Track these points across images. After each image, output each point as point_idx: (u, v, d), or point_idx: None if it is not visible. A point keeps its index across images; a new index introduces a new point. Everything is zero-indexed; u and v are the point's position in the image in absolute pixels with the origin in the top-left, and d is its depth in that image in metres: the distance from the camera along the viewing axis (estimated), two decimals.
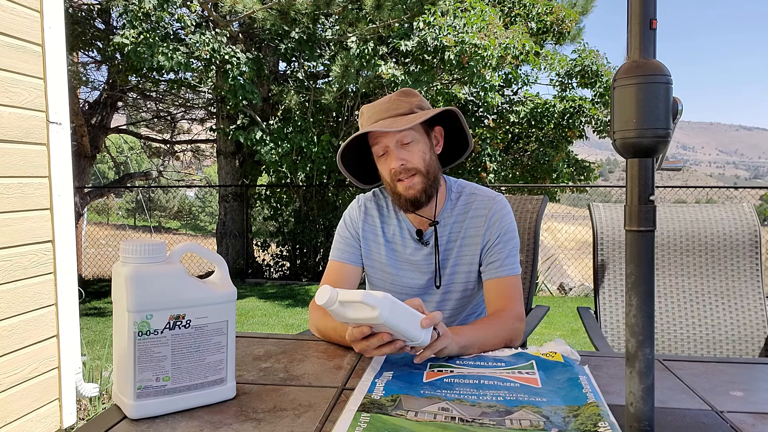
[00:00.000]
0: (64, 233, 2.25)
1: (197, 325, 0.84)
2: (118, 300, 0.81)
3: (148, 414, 0.81)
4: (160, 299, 0.81)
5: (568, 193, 9.86)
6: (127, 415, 0.81)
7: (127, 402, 0.81)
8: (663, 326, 1.89)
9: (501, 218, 1.36)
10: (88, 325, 5.34)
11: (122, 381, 0.82)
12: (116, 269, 0.82)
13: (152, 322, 0.80)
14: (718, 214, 1.96)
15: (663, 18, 0.84)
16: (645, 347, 0.66)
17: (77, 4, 7.84)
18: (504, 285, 1.31)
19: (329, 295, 0.91)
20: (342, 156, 1.39)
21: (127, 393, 0.81)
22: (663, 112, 0.64)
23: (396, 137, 1.30)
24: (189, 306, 0.83)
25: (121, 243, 0.82)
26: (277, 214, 9.36)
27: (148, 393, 0.81)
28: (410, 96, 1.34)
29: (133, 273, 0.79)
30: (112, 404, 0.87)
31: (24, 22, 2.08)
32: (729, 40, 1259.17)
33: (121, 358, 0.81)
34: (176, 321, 0.82)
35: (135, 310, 0.79)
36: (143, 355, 0.80)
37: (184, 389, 0.84)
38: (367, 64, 7.11)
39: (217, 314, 0.86)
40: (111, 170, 23.30)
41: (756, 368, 1.09)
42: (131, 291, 0.79)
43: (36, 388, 2.13)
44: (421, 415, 0.78)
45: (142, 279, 0.79)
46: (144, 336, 0.80)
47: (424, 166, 1.31)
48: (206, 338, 0.85)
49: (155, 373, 0.81)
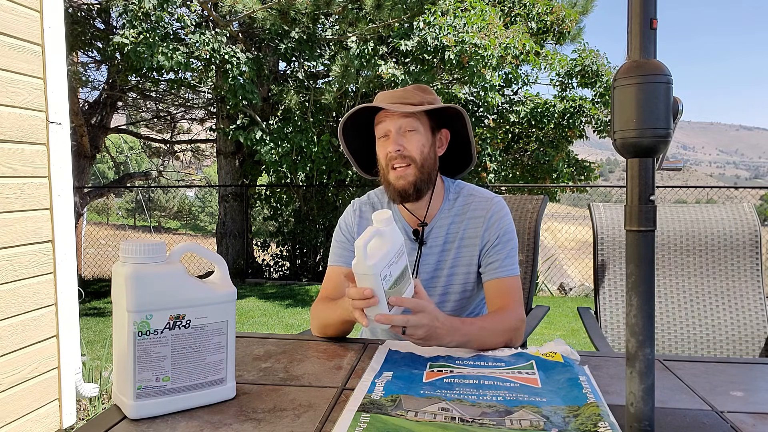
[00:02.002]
0: (63, 233, 2.25)
1: (197, 325, 0.84)
2: (117, 300, 0.81)
3: (148, 414, 0.81)
4: (160, 299, 0.80)
5: (568, 193, 9.85)
6: (127, 416, 0.81)
7: (127, 402, 0.81)
8: (663, 326, 1.89)
9: (499, 219, 1.36)
10: (88, 325, 5.33)
11: (122, 381, 0.81)
12: (116, 269, 0.82)
13: (152, 322, 0.80)
14: (718, 214, 1.96)
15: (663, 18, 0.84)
16: (645, 347, 0.66)
17: (77, 4, 7.84)
18: (504, 285, 1.31)
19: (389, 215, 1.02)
20: (344, 134, 1.40)
21: (127, 393, 0.80)
22: (663, 111, 0.64)
23: (399, 123, 1.30)
24: (189, 306, 0.83)
25: (120, 243, 0.82)
26: (277, 214, 9.36)
27: (148, 393, 0.81)
28: (425, 92, 1.36)
29: (133, 273, 0.79)
30: (112, 404, 0.87)
31: (24, 21, 2.08)
32: (729, 40, 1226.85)
33: (121, 358, 0.81)
34: (176, 321, 0.82)
35: (135, 310, 0.79)
36: (143, 355, 0.80)
37: (184, 389, 0.83)
38: (367, 63, 7.11)
39: (217, 314, 0.86)
40: (111, 170, 23.32)
41: (756, 368, 1.09)
42: (131, 291, 0.79)
43: (36, 388, 2.13)
44: (421, 415, 0.78)
45: (142, 279, 0.79)
46: (144, 336, 0.80)
47: (420, 158, 1.31)
48: (206, 338, 0.85)
49: (155, 373, 0.81)
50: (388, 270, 0.98)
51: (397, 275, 1.01)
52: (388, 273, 0.97)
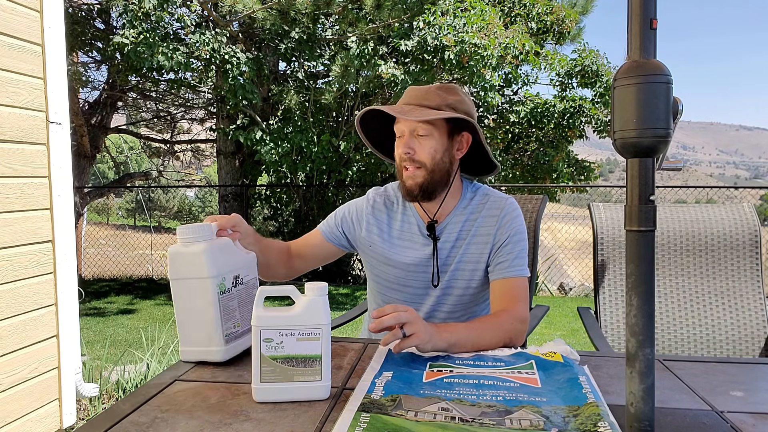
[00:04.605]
0: (64, 233, 2.25)
1: (245, 282, 1.10)
2: (190, 273, 1.01)
3: (235, 353, 1.05)
4: (227, 265, 1.05)
5: (568, 193, 9.85)
6: (219, 360, 1.02)
7: (217, 349, 1.02)
8: (663, 326, 1.89)
9: (512, 219, 1.36)
10: (88, 325, 5.34)
11: (206, 337, 1.03)
12: (179, 249, 1.01)
13: (225, 283, 1.04)
14: (718, 214, 1.96)
15: (663, 18, 0.84)
16: (645, 347, 0.66)
17: (77, 4, 7.83)
18: (509, 285, 1.31)
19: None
20: (364, 122, 1.41)
21: (216, 342, 1.02)
22: (663, 111, 0.64)
23: (413, 125, 1.30)
24: (241, 267, 1.09)
25: (178, 228, 1.02)
26: (277, 214, 9.35)
27: (230, 338, 1.04)
28: (449, 93, 1.32)
29: (208, 248, 1.01)
30: (112, 404, 0.87)
31: (24, 21, 2.08)
32: (729, 40, 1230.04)
33: (202, 318, 1.02)
34: (236, 280, 1.07)
35: (216, 275, 1.01)
36: (225, 309, 1.03)
37: (247, 332, 1.09)
38: (367, 63, 7.10)
39: (251, 271, 1.13)
40: (111, 170, 23.30)
41: (756, 368, 1.09)
42: (210, 262, 1.01)
43: (36, 389, 2.13)
44: (420, 415, 0.78)
45: (215, 251, 1.02)
46: (223, 294, 1.03)
47: (431, 163, 1.31)
48: (250, 291, 1.11)
49: (233, 322, 1.05)
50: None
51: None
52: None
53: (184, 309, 1.05)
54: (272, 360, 0.87)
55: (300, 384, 0.87)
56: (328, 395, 0.89)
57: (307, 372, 0.88)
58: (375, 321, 1.01)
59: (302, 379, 0.87)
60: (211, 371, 1.01)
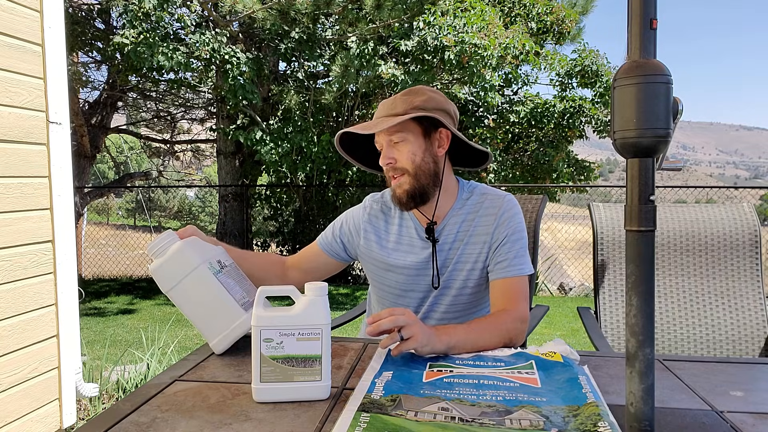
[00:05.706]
0: (64, 233, 2.25)
1: (228, 265, 1.16)
2: (180, 272, 1.06)
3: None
4: (206, 253, 1.11)
5: (568, 193, 9.85)
6: (246, 330, 1.07)
7: (241, 320, 1.07)
8: (663, 326, 1.89)
9: (511, 217, 1.36)
10: (88, 325, 5.33)
11: (225, 316, 1.08)
12: (159, 262, 1.07)
13: (214, 266, 1.10)
14: (718, 214, 1.96)
15: (663, 18, 0.84)
16: (645, 347, 0.66)
17: (77, 4, 7.83)
18: (509, 285, 1.31)
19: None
20: (348, 144, 1.43)
21: (236, 314, 1.07)
22: (663, 112, 0.64)
23: (385, 136, 1.31)
24: (218, 255, 1.15)
25: (147, 248, 1.10)
26: (277, 214, 9.35)
27: (246, 306, 1.10)
28: (413, 95, 1.32)
29: (182, 243, 1.08)
30: (112, 404, 0.87)
31: (24, 21, 2.08)
32: (729, 40, 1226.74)
33: (212, 304, 1.07)
34: (220, 264, 1.13)
35: (203, 260, 1.08)
36: (227, 283, 1.09)
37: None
38: (367, 64, 7.10)
39: (227, 258, 1.19)
40: (111, 170, 23.31)
41: (756, 368, 1.09)
42: (192, 251, 1.08)
43: (36, 388, 2.13)
44: (420, 415, 0.78)
45: (189, 244, 1.09)
46: (219, 273, 1.09)
47: (413, 167, 1.31)
48: (237, 271, 1.18)
49: (241, 293, 1.12)
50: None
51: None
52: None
53: (192, 307, 1.08)
54: (272, 360, 0.87)
55: (300, 384, 0.87)
56: (328, 395, 0.89)
57: (307, 372, 0.88)
58: (372, 324, 1.01)
59: (302, 379, 0.87)
60: (211, 371, 1.01)
